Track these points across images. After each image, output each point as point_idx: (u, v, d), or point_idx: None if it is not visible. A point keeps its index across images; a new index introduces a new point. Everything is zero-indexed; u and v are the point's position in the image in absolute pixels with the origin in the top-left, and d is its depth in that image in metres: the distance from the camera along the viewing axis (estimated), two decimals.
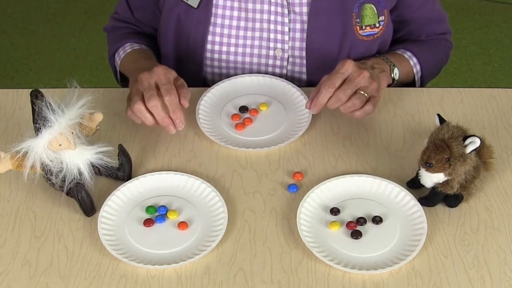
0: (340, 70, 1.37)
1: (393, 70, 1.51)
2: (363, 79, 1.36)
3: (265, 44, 1.55)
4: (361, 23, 1.51)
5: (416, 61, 1.58)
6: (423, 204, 1.29)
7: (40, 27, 3.17)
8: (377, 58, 1.52)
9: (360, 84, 1.36)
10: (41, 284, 1.20)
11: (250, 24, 1.54)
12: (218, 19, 1.53)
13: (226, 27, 1.54)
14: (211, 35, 1.54)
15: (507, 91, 1.53)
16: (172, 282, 1.20)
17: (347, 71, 1.37)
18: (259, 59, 1.56)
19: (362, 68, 1.38)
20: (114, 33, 1.67)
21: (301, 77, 1.58)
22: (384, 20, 1.53)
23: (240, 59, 1.57)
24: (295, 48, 1.54)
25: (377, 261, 1.22)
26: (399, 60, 1.55)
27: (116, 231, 1.27)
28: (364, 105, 1.37)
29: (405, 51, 1.59)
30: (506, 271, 1.21)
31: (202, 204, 1.31)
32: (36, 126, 1.25)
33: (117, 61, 1.63)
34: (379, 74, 1.44)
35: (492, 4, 3.32)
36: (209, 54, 1.57)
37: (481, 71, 3.00)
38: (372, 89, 1.38)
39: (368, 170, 1.37)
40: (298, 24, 1.52)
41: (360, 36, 1.52)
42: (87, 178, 1.28)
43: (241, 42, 1.55)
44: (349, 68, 1.37)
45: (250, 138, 1.43)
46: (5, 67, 3.00)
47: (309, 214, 1.29)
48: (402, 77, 1.55)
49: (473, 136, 1.23)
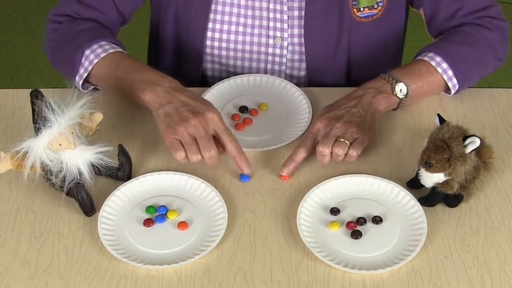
0: (311, 130, 1.37)
1: (395, 87, 1.40)
2: (337, 130, 1.34)
3: (264, 33, 1.55)
4: (358, 5, 1.50)
5: (447, 67, 1.42)
6: (423, 204, 1.29)
7: (40, 27, 3.17)
8: (376, 80, 1.42)
9: (336, 135, 1.34)
10: (41, 284, 1.20)
11: (250, 12, 1.54)
12: (219, 6, 1.53)
13: (226, 15, 1.54)
14: (211, 22, 1.54)
15: (507, 91, 1.53)
16: (172, 282, 1.20)
17: (318, 130, 1.36)
18: (258, 47, 1.57)
19: (334, 120, 1.35)
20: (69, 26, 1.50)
21: (301, 65, 1.58)
22: (383, 1, 1.51)
23: (240, 47, 1.57)
24: (294, 35, 1.55)
25: (377, 261, 1.22)
26: (416, 72, 1.42)
27: (116, 231, 1.27)
28: (348, 151, 1.34)
29: (434, 55, 1.43)
30: (506, 271, 1.21)
31: (202, 204, 1.31)
32: (36, 126, 1.25)
33: (91, 58, 1.43)
34: (371, 99, 1.38)
35: None
36: (209, 42, 1.57)
37: None
38: (352, 133, 1.34)
39: (368, 170, 1.37)
40: (296, 12, 1.53)
41: (358, 18, 1.51)
42: (87, 178, 1.28)
43: (241, 29, 1.55)
44: (320, 126, 1.36)
45: (250, 138, 1.43)
46: (5, 67, 3.00)
47: (309, 214, 1.29)
48: (424, 89, 1.43)
49: (473, 136, 1.23)
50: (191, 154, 1.30)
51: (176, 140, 1.31)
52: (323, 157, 1.34)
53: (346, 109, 1.38)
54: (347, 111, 1.38)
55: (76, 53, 1.44)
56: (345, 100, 1.41)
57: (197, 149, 1.30)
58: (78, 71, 1.44)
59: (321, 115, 1.38)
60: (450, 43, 1.46)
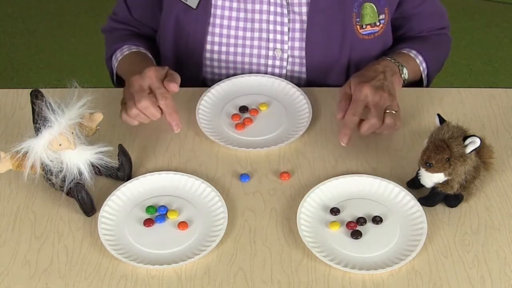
0: (360, 97, 1.37)
1: (402, 70, 1.51)
2: (385, 101, 1.37)
3: (264, 45, 1.55)
4: (361, 22, 1.51)
5: (422, 59, 1.58)
6: (423, 204, 1.29)
7: (40, 27, 3.17)
8: (385, 60, 1.51)
9: (385, 106, 1.37)
10: (41, 284, 1.20)
11: (249, 25, 1.54)
12: (217, 19, 1.53)
13: (225, 28, 1.54)
14: (211, 35, 1.54)
15: (507, 91, 1.53)
16: (172, 282, 1.20)
17: (366, 97, 1.37)
18: (258, 59, 1.56)
19: (380, 89, 1.38)
20: (112, 35, 1.66)
21: (300, 76, 1.58)
22: (385, 19, 1.53)
23: (240, 59, 1.57)
24: (295, 48, 1.55)
25: (377, 261, 1.22)
26: (405, 59, 1.55)
27: (116, 231, 1.27)
28: (396, 123, 1.38)
29: (410, 50, 1.58)
30: (506, 271, 1.21)
31: (202, 204, 1.31)
32: (36, 126, 1.25)
33: (114, 63, 1.62)
34: (391, 78, 1.44)
35: (492, 4, 3.32)
36: (209, 55, 1.57)
37: (481, 71, 3.00)
38: (395, 105, 1.39)
39: (368, 170, 1.37)
40: (297, 24, 1.52)
41: (360, 35, 1.52)
42: (87, 178, 1.28)
43: (240, 42, 1.55)
44: (368, 93, 1.37)
45: (250, 138, 1.43)
46: (5, 67, 3.00)
47: (309, 214, 1.29)
48: (410, 76, 1.55)
49: (473, 136, 1.23)
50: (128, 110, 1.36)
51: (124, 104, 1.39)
52: (371, 128, 1.36)
53: (381, 80, 1.41)
54: (383, 82, 1.41)
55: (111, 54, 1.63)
56: (373, 72, 1.44)
57: (132, 104, 1.36)
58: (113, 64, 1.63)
59: (361, 82, 1.39)
60: (427, 44, 1.62)
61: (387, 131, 1.39)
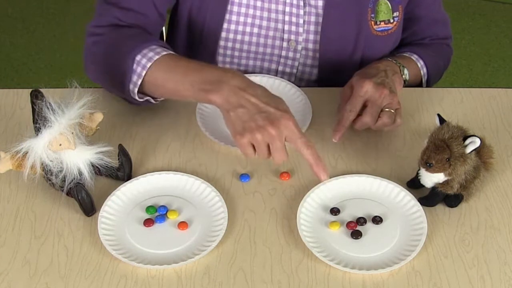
0: (359, 93, 1.37)
1: (403, 71, 1.51)
2: (385, 98, 1.37)
3: (279, 35, 1.56)
4: (375, 18, 1.52)
5: (423, 64, 1.59)
6: (423, 204, 1.29)
7: (40, 27, 3.17)
8: (386, 60, 1.51)
9: (383, 104, 1.37)
10: (41, 284, 1.20)
11: (265, 14, 1.54)
12: (235, 7, 1.53)
13: (242, 15, 1.54)
14: (227, 23, 1.55)
15: (507, 91, 1.54)
16: (172, 282, 1.20)
17: (366, 93, 1.37)
18: (272, 49, 1.57)
19: (381, 86, 1.38)
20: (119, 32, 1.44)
21: (312, 70, 1.59)
22: (398, 16, 1.54)
23: (254, 49, 1.57)
24: (309, 40, 1.55)
25: (377, 261, 1.22)
26: (407, 62, 1.56)
27: (116, 231, 1.27)
28: (395, 121, 1.38)
29: (411, 53, 1.60)
30: (506, 271, 1.21)
31: (202, 204, 1.31)
32: (36, 126, 1.25)
33: (143, 63, 1.33)
34: (392, 76, 1.45)
35: (492, 4, 3.32)
36: (223, 43, 1.57)
37: (481, 71, 3.01)
38: (395, 103, 1.39)
39: (368, 170, 1.37)
40: (313, 17, 1.53)
41: (374, 31, 1.53)
42: (87, 178, 1.28)
43: (256, 31, 1.55)
44: (368, 89, 1.37)
45: None
46: (5, 67, 3.00)
47: (309, 214, 1.29)
48: (410, 79, 1.55)
49: (473, 136, 1.23)
50: (261, 155, 1.24)
51: (249, 143, 1.24)
52: (364, 126, 1.37)
53: (382, 77, 1.42)
54: (384, 79, 1.41)
55: (126, 60, 1.33)
56: (374, 70, 1.44)
57: (268, 153, 1.24)
58: (130, 79, 1.33)
59: (363, 78, 1.39)
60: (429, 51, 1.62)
61: (386, 128, 1.39)
